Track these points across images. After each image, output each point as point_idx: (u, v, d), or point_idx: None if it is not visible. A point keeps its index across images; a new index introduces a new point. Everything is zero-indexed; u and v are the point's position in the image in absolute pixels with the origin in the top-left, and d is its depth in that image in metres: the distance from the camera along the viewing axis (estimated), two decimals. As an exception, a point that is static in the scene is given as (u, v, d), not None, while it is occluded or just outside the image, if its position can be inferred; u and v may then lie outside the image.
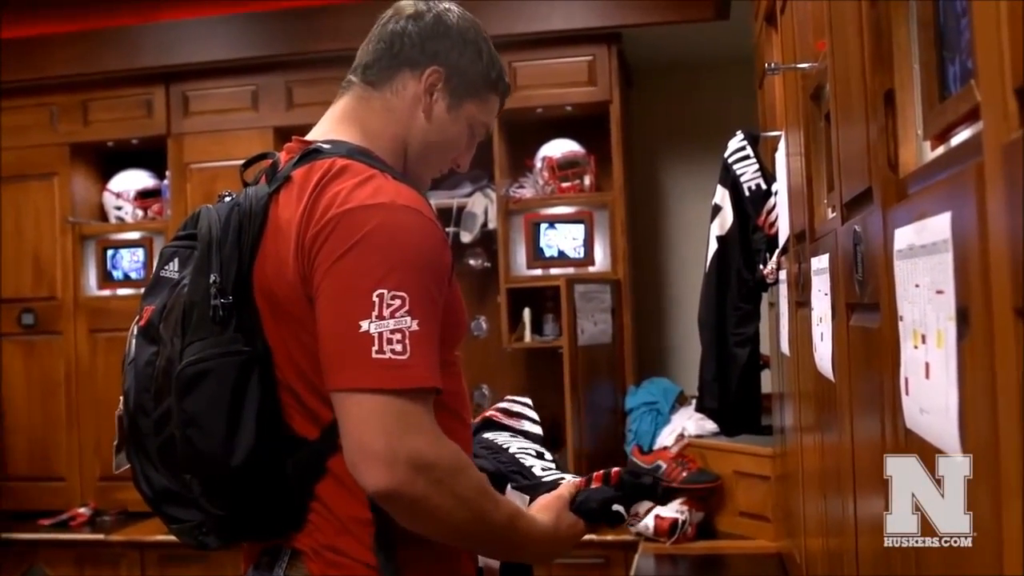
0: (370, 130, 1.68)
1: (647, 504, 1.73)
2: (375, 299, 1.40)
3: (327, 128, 1.69)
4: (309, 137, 1.68)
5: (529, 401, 2.00)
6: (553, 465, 1.83)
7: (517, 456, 1.81)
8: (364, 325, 1.40)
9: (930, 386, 0.97)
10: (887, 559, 1.31)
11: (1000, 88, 0.74)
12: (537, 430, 1.95)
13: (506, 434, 1.91)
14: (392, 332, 1.40)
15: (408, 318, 1.41)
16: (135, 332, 1.60)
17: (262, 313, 1.52)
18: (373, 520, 1.49)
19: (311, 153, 1.58)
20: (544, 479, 1.76)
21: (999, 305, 0.76)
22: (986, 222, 0.78)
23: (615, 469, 1.74)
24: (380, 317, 1.40)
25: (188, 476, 1.50)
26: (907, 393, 1.07)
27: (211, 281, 1.48)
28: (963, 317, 0.87)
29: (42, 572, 4.85)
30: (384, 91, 1.69)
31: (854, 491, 1.63)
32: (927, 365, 0.97)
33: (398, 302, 1.41)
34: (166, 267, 1.60)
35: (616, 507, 1.70)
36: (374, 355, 1.39)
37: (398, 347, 1.40)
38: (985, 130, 0.80)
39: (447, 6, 1.74)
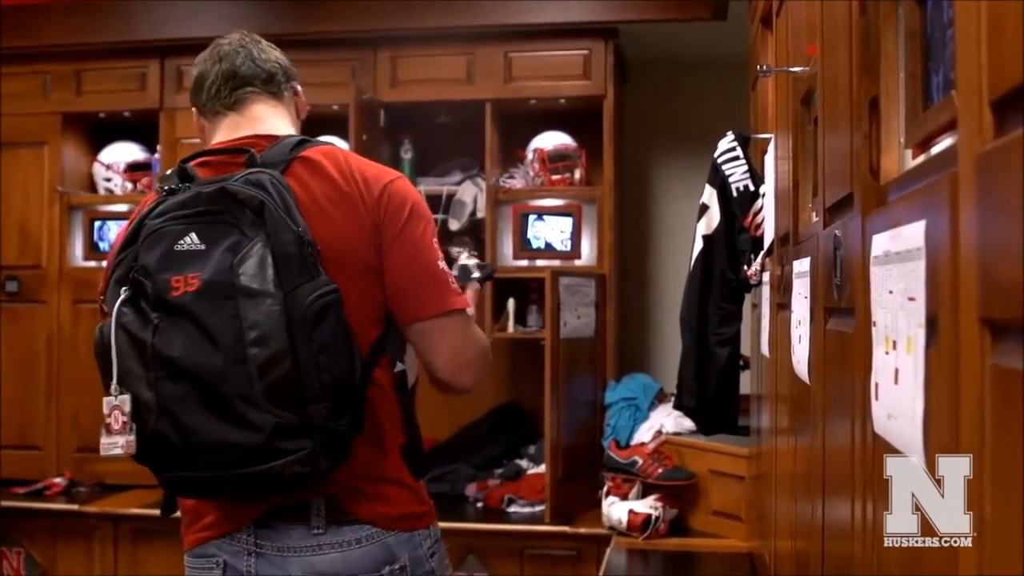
0: (291, 130, 1.97)
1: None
2: (436, 245, 1.85)
3: (268, 126, 1.93)
4: (251, 134, 1.90)
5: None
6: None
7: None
8: (440, 265, 1.84)
9: (898, 392, 0.98)
10: (850, 563, 1.33)
11: (977, 99, 0.75)
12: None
13: None
14: (448, 270, 1.87)
15: (443, 259, 1.86)
16: (183, 299, 1.67)
17: None
18: (404, 431, 1.85)
19: (303, 141, 1.86)
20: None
21: (966, 314, 0.77)
22: (958, 232, 0.79)
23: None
24: (440, 259, 1.84)
25: (312, 404, 1.64)
26: (876, 398, 1.08)
27: (298, 232, 1.67)
28: (932, 324, 0.88)
29: (15, 540, 4.84)
30: (284, 100, 2.01)
31: (823, 495, 1.65)
32: (896, 371, 0.98)
33: (438, 246, 1.86)
34: (181, 242, 1.70)
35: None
36: (452, 285, 1.85)
37: (451, 279, 1.87)
38: (960, 140, 0.81)
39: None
